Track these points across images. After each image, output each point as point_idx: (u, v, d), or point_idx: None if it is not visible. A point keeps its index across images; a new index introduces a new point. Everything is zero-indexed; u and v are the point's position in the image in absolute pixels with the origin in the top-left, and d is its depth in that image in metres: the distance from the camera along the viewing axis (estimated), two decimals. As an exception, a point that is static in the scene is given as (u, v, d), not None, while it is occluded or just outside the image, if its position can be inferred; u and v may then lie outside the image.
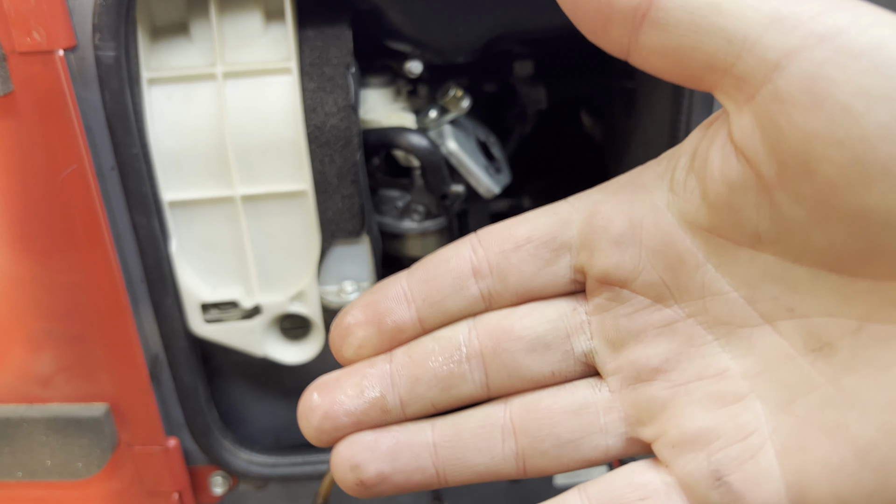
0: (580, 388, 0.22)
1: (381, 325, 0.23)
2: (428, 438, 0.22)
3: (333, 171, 0.41)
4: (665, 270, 0.21)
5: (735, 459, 0.20)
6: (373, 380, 0.22)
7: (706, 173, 0.20)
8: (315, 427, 0.22)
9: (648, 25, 0.18)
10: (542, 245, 0.22)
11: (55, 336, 0.43)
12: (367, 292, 0.24)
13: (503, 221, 0.23)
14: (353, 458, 0.22)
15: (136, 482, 0.47)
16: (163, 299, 0.42)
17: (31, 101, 0.37)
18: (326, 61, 0.40)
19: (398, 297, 0.23)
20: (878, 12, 0.16)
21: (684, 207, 0.20)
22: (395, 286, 0.23)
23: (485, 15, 0.41)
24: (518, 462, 0.22)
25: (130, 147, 0.39)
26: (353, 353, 0.23)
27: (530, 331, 0.22)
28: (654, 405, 0.21)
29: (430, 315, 0.23)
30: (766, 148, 0.17)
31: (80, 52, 0.37)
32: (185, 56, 0.40)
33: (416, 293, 0.23)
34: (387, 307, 0.23)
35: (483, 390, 0.23)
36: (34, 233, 0.40)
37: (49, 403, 0.45)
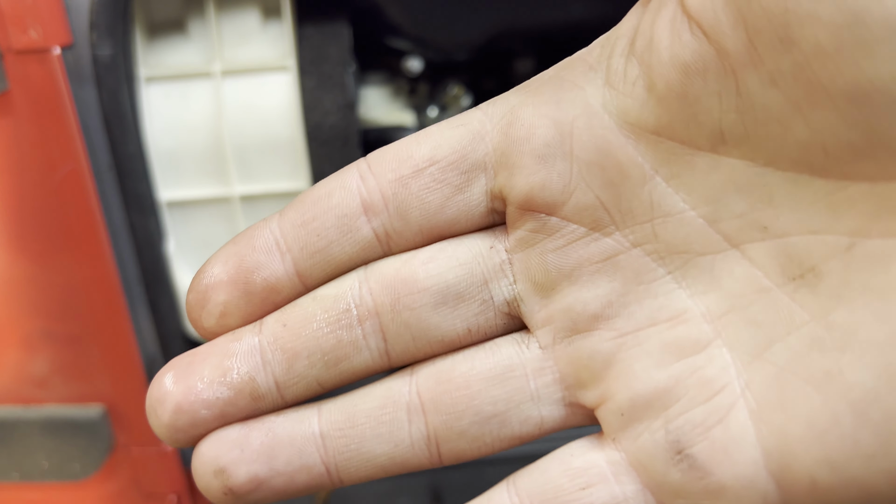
0: (503, 346, 0.18)
1: (247, 284, 0.18)
2: (314, 428, 0.18)
3: (332, 170, 0.41)
4: (603, 188, 0.16)
5: (699, 426, 0.16)
6: (238, 358, 0.18)
7: (652, 57, 0.16)
8: (167, 424, 0.17)
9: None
10: (448, 167, 0.17)
11: (51, 337, 0.42)
12: (228, 242, 0.18)
13: (398, 141, 0.18)
14: (218, 460, 0.17)
15: (133, 484, 0.47)
16: (160, 300, 0.42)
17: (26, 99, 0.37)
18: (325, 59, 0.40)
19: (268, 247, 0.18)
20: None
21: (625, 104, 0.16)
22: (264, 233, 0.18)
23: (485, 11, 0.41)
24: (431, 448, 0.18)
25: (127, 146, 0.38)
26: (216, 324, 0.18)
27: (437, 279, 0.17)
28: (596, 362, 0.17)
29: (311, 268, 0.18)
30: (731, 14, 0.14)
31: (77, 50, 0.37)
32: (182, 54, 0.39)
33: (291, 240, 0.18)
34: (254, 261, 0.18)
35: (382, 360, 0.18)
36: (30, 232, 0.40)
37: (45, 405, 0.44)
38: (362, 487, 0.52)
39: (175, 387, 0.18)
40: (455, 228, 0.18)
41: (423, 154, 0.17)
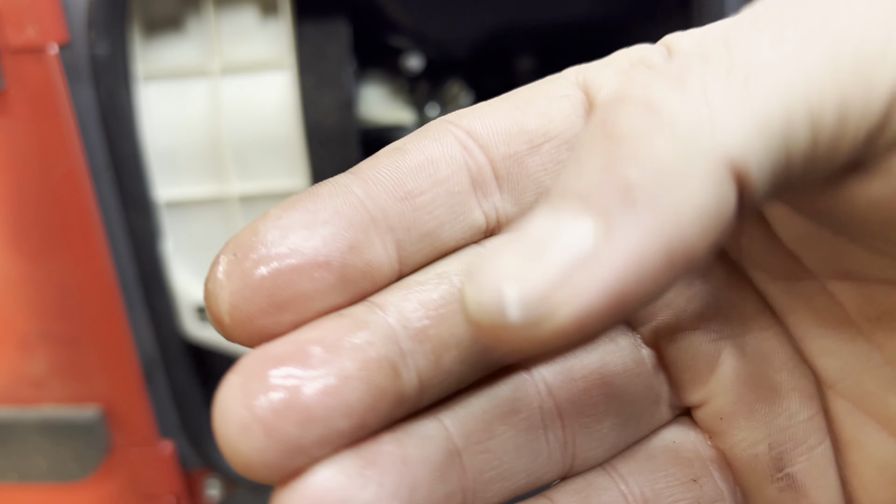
0: (619, 340, 0.16)
1: (344, 267, 0.13)
2: (450, 444, 0.14)
3: (331, 169, 0.41)
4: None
5: (802, 444, 0.15)
6: (374, 344, 0.13)
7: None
8: (265, 462, 0.13)
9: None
10: (563, 144, 0.15)
11: (48, 337, 0.42)
12: (298, 203, 0.14)
13: (484, 104, 0.15)
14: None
15: (131, 485, 0.47)
16: (157, 300, 0.42)
17: (23, 98, 0.37)
18: (324, 57, 0.40)
19: (363, 223, 0.14)
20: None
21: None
22: (351, 202, 0.14)
23: (485, 9, 0.40)
24: (566, 457, 0.15)
25: (125, 145, 0.38)
26: (306, 309, 0.13)
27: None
28: (699, 362, 0.16)
29: (414, 253, 0.14)
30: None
31: (74, 49, 0.37)
32: (180, 52, 0.39)
33: (394, 217, 0.14)
34: (351, 239, 0.13)
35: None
36: (27, 232, 0.40)
37: (42, 405, 0.44)
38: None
39: (280, 399, 0.12)
40: None
41: (535, 127, 0.15)
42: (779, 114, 0.11)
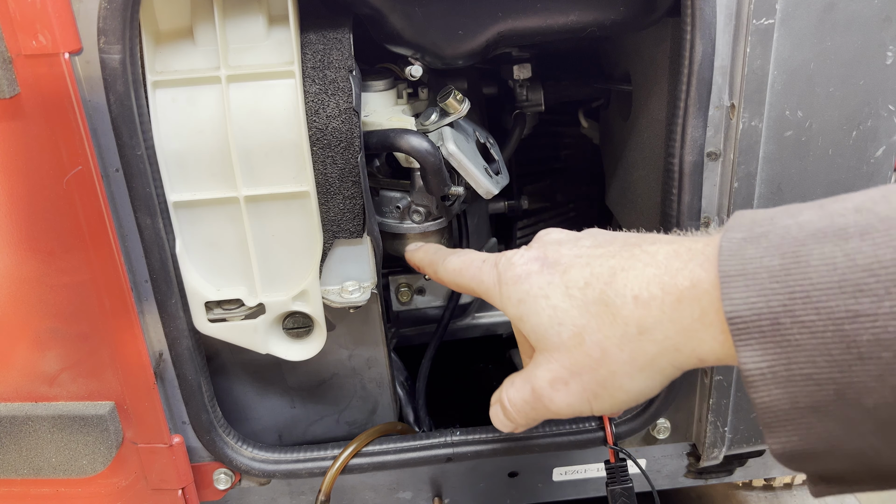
0: None
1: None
2: None
3: (335, 173, 0.42)
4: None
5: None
6: None
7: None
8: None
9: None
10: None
11: (60, 335, 0.43)
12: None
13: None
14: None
15: (141, 479, 0.48)
16: (167, 299, 0.43)
17: (36, 103, 0.38)
18: (328, 64, 0.41)
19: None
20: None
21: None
22: None
23: (484, 19, 0.41)
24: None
25: (135, 149, 0.39)
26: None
27: None
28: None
29: None
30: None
31: (86, 56, 0.38)
32: (189, 59, 0.40)
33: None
34: None
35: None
36: (40, 233, 0.41)
37: (54, 402, 0.45)
38: (364, 480, 0.53)
39: None
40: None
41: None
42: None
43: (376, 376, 0.52)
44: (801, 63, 0.39)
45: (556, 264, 0.34)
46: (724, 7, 0.38)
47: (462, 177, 0.48)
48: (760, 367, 0.25)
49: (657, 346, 0.30)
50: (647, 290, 0.30)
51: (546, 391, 0.34)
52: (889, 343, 0.22)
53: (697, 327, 0.29)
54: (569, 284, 0.33)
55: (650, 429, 0.51)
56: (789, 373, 0.24)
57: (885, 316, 0.22)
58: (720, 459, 0.51)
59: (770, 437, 0.26)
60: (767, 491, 0.62)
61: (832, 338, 0.23)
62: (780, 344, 0.24)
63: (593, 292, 0.32)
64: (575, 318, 0.32)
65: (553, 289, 0.33)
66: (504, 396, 0.37)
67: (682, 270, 0.29)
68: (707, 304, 0.28)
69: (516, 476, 0.54)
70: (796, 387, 0.25)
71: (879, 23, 0.38)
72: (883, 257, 0.23)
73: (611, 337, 0.31)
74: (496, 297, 0.36)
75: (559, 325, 0.33)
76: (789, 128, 0.41)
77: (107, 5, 0.36)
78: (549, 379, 0.34)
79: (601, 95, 0.63)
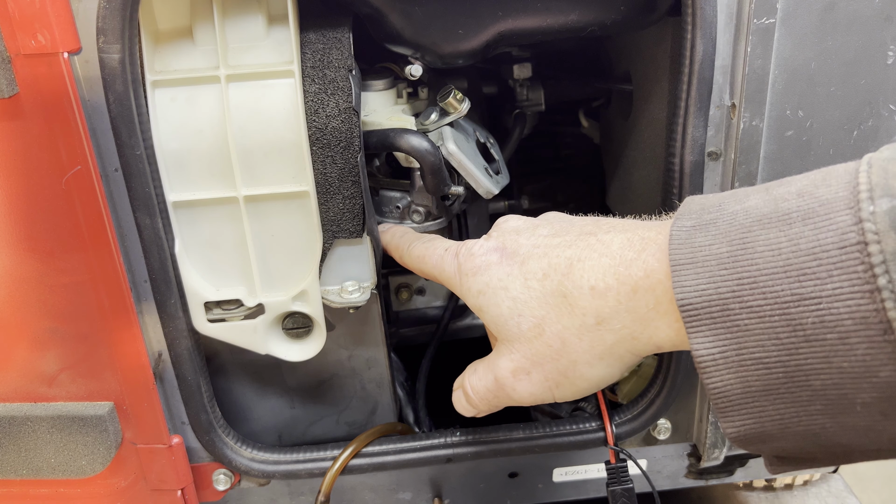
0: None
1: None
2: None
3: (335, 173, 0.42)
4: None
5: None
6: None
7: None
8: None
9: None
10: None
11: (60, 335, 0.43)
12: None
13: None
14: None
15: (140, 479, 0.48)
16: (167, 299, 0.43)
17: (35, 103, 0.38)
18: (328, 64, 0.41)
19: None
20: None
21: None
22: None
23: (484, 19, 0.41)
24: None
25: (134, 148, 0.39)
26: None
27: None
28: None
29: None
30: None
31: (85, 55, 0.38)
32: (188, 59, 0.40)
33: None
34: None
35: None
36: (39, 233, 0.41)
37: (53, 402, 0.45)
38: (364, 481, 0.53)
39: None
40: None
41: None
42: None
43: (376, 377, 0.52)
44: (802, 62, 0.39)
45: (515, 255, 0.35)
46: (724, 6, 0.38)
47: (462, 176, 0.48)
48: (712, 352, 0.25)
49: (615, 335, 0.31)
50: (604, 280, 0.31)
51: (508, 381, 0.35)
52: (833, 325, 0.23)
53: (653, 316, 0.29)
54: (527, 276, 0.33)
55: (651, 429, 0.51)
56: (740, 357, 0.25)
57: (827, 298, 0.23)
58: (721, 460, 0.51)
59: (724, 421, 0.27)
60: (768, 491, 0.62)
61: (779, 321, 0.24)
62: (730, 329, 0.25)
63: (551, 283, 0.32)
64: (534, 309, 0.33)
65: (512, 280, 0.34)
66: (466, 383, 0.37)
67: (636, 261, 0.30)
68: (661, 293, 0.29)
69: (516, 477, 0.54)
70: (747, 371, 0.25)
71: (880, 22, 0.38)
72: (824, 241, 0.23)
73: (570, 327, 0.32)
74: (457, 287, 0.37)
75: (519, 316, 0.33)
76: (790, 127, 0.41)
77: (106, 5, 0.36)
78: (511, 369, 0.34)
79: (601, 95, 0.63)
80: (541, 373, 0.33)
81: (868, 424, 0.24)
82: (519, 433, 0.50)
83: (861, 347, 0.23)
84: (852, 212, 0.23)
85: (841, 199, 0.23)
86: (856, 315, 0.22)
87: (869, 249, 0.22)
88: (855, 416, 0.24)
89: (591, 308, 0.31)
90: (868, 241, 0.22)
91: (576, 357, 0.32)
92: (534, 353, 0.33)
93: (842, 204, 0.23)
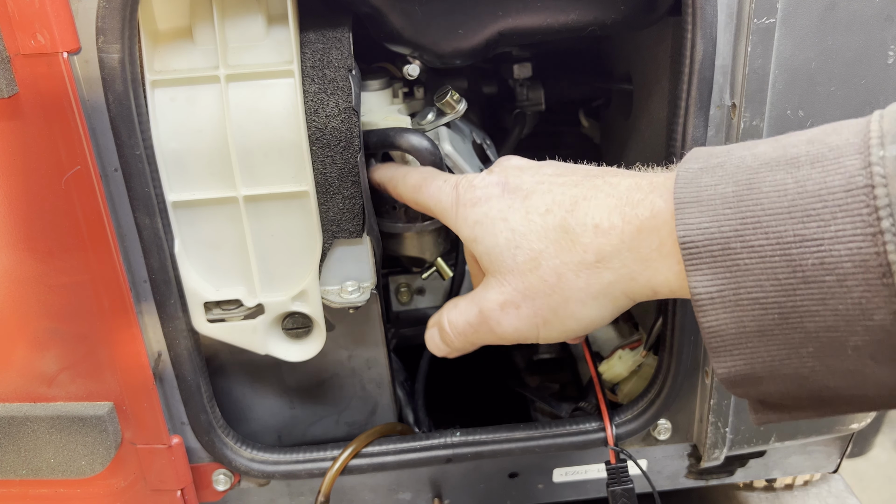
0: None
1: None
2: None
3: (335, 173, 0.42)
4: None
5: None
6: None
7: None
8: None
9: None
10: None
11: (59, 335, 0.43)
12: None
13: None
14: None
15: (140, 480, 0.48)
16: (166, 299, 0.43)
17: (35, 102, 0.38)
18: (328, 64, 0.41)
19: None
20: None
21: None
22: None
23: (484, 18, 0.41)
24: None
25: (134, 148, 0.39)
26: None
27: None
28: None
29: None
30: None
31: (84, 55, 0.38)
32: (188, 59, 0.40)
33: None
34: None
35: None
36: (38, 233, 0.40)
37: (53, 402, 0.45)
38: (364, 481, 0.53)
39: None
40: None
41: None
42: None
43: (376, 377, 0.52)
44: (803, 62, 0.39)
45: (518, 189, 0.34)
46: (725, 6, 0.38)
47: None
48: (710, 290, 0.25)
49: (613, 273, 0.31)
50: (608, 219, 0.30)
51: (495, 313, 0.34)
52: (832, 267, 0.23)
53: (655, 257, 0.29)
54: (529, 209, 0.33)
55: (651, 429, 0.51)
56: (737, 297, 0.25)
57: (829, 240, 0.23)
58: (721, 460, 0.51)
59: (716, 360, 0.27)
60: (768, 492, 0.62)
61: (779, 262, 0.24)
62: (729, 268, 0.25)
63: (554, 218, 0.32)
64: (532, 242, 0.32)
65: (513, 212, 0.33)
66: (444, 319, 0.36)
67: (643, 201, 0.30)
68: (665, 234, 0.29)
69: (517, 477, 0.54)
70: (743, 311, 0.25)
71: (881, 22, 0.38)
72: (831, 183, 0.23)
73: (568, 263, 0.31)
74: (451, 218, 0.36)
75: (515, 248, 0.33)
76: (790, 127, 0.40)
77: (105, 4, 0.36)
78: (500, 301, 0.33)
79: (602, 95, 0.63)
80: (531, 307, 0.33)
81: (857, 368, 0.24)
82: (519, 433, 0.50)
83: (858, 290, 0.23)
84: (861, 156, 0.23)
85: (851, 145, 0.24)
86: (856, 257, 0.23)
87: (875, 192, 0.22)
88: (845, 360, 0.24)
89: (593, 245, 0.30)
90: (875, 185, 0.22)
91: (570, 294, 0.32)
92: (526, 286, 0.32)
93: (852, 149, 0.23)
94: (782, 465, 0.57)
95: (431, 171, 0.40)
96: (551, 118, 0.67)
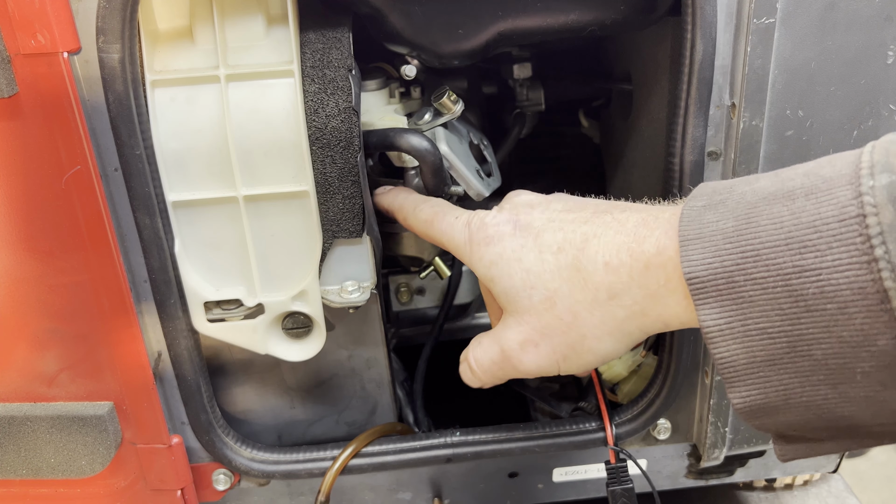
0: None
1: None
2: None
3: (335, 173, 0.42)
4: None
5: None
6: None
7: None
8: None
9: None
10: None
11: (59, 335, 0.43)
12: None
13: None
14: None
15: (140, 479, 0.48)
16: (166, 299, 0.43)
17: (35, 102, 0.38)
18: (328, 64, 0.41)
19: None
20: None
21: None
22: None
23: (484, 18, 0.41)
24: None
25: (134, 148, 0.39)
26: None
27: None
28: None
29: None
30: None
31: (84, 55, 0.38)
32: (188, 58, 0.40)
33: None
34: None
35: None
36: (39, 233, 0.41)
37: (53, 402, 0.45)
38: (364, 481, 0.53)
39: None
40: None
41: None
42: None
43: (376, 377, 0.52)
44: (802, 62, 0.39)
45: (529, 227, 0.35)
46: (724, 6, 0.38)
47: (454, 178, 0.48)
48: (718, 323, 0.26)
49: (625, 310, 0.31)
50: (618, 256, 0.31)
51: (515, 352, 0.35)
52: (832, 295, 0.24)
53: (663, 293, 0.30)
54: (542, 248, 0.34)
55: (651, 429, 0.51)
56: (745, 328, 0.26)
57: (827, 269, 0.24)
58: (721, 460, 0.51)
59: (731, 391, 0.27)
60: (768, 491, 0.62)
61: (782, 292, 0.25)
62: (735, 301, 0.26)
63: (566, 257, 0.33)
64: (547, 282, 0.33)
65: (526, 252, 0.34)
66: (471, 356, 0.38)
67: (649, 238, 0.30)
68: (671, 270, 0.29)
69: (516, 476, 0.54)
70: (752, 341, 0.26)
71: (880, 22, 0.38)
72: (825, 214, 0.24)
73: (582, 301, 0.32)
74: (465, 255, 0.37)
75: (531, 288, 0.34)
76: (790, 127, 0.40)
77: (106, 4, 0.36)
78: (519, 340, 0.35)
79: (602, 95, 0.63)
80: (549, 345, 0.34)
81: (868, 395, 0.25)
82: (519, 433, 0.50)
83: (859, 317, 0.23)
84: (852, 186, 0.24)
85: (843, 177, 0.24)
86: (854, 285, 0.23)
87: (867, 221, 0.23)
88: (855, 386, 0.25)
89: (605, 283, 0.31)
90: (866, 214, 0.23)
91: (585, 331, 0.33)
92: (543, 325, 0.33)
93: (843, 180, 0.24)
94: (782, 464, 0.57)
95: (442, 206, 0.40)
96: (551, 118, 0.67)
